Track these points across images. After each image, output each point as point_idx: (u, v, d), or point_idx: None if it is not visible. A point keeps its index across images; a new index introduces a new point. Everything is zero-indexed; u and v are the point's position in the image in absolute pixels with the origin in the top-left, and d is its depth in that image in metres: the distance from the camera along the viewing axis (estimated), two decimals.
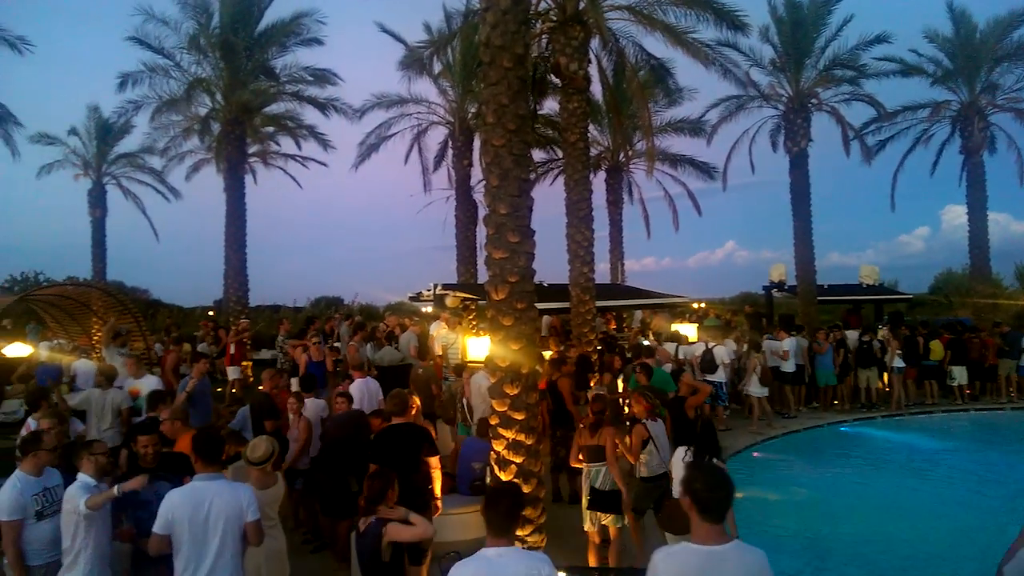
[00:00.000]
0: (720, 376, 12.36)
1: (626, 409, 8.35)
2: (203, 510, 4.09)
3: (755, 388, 12.60)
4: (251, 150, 20.99)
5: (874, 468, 11.09)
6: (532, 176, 6.69)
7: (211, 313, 23.23)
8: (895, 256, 73.73)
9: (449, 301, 14.54)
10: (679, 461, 5.85)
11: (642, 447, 6.55)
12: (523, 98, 6.22)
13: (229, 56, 17.18)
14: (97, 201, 24.45)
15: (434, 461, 5.93)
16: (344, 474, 6.54)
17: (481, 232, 20.64)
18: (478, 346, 11.49)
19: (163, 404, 7.24)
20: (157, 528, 4.08)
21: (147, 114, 18.81)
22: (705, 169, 22.88)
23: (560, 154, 18.97)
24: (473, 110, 19.84)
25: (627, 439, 6.67)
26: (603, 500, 6.14)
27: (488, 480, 6.56)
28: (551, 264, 13.64)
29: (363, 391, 8.48)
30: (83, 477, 4.59)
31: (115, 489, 4.51)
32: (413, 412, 6.65)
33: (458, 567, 3.14)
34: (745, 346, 13.39)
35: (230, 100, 17.59)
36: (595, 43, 13.19)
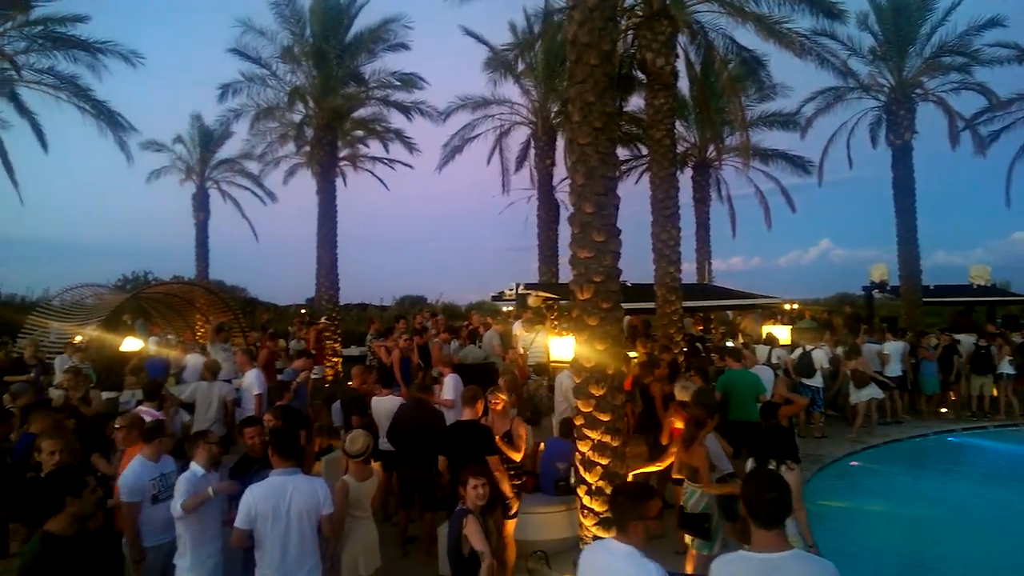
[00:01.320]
0: (817, 381, 11.80)
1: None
2: (283, 503, 4.22)
3: (862, 393, 11.97)
4: (341, 154, 21.72)
5: (985, 482, 10.24)
6: (617, 174, 6.57)
7: (303, 311, 24.22)
8: (1008, 255, 68.12)
9: (531, 300, 14.57)
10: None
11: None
12: (609, 95, 6.14)
13: (321, 64, 17.82)
14: (200, 204, 25.97)
15: (493, 461, 5.89)
16: (426, 466, 6.68)
17: (563, 231, 20.60)
18: (561, 346, 11.46)
19: (288, 393, 7.75)
20: (239, 523, 4.21)
21: (246, 121, 19.85)
22: (799, 164, 21.89)
23: (645, 151, 18.66)
24: (556, 109, 19.79)
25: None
26: (689, 522, 5.86)
27: (572, 480, 6.49)
28: (634, 263, 13.45)
29: (458, 386, 8.63)
30: (194, 466, 4.85)
31: (209, 490, 4.71)
32: (500, 408, 6.69)
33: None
34: (841, 349, 12.74)
35: (322, 106, 18.24)
36: (682, 37, 12.90)
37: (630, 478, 6.14)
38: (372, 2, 18.48)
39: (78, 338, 13.80)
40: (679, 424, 6.48)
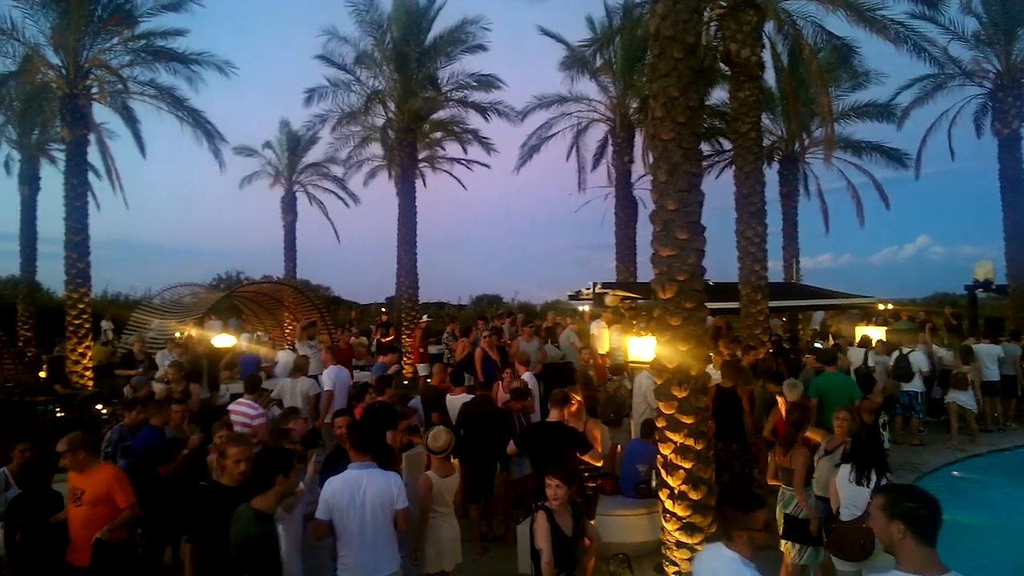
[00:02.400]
0: (916, 385, 11.15)
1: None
2: (359, 496, 4.29)
3: (960, 396, 11.23)
4: (420, 155, 22.16)
5: None
6: (700, 170, 6.39)
7: (383, 310, 24.86)
8: None
9: (609, 300, 14.37)
10: (844, 479, 5.20)
11: (808, 475, 5.76)
12: (693, 89, 5.98)
13: (402, 68, 18.22)
14: (288, 207, 27.11)
15: (591, 455, 5.94)
16: (487, 462, 6.76)
17: (641, 229, 20.30)
18: (640, 346, 11.27)
19: (389, 388, 8.17)
20: (319, 514, 4.31)
21: (331, 126, 20.57)
22: (895, 156, 20.67)
23: (727, 146, 18.13)
24: (635, 105, 19.51)
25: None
26: (796, 528, 5.63)
27: (654, 483, 6.37)
28: (715, 261, 13.05)
29: (534, 384, 8.65)
30: None
31: (300, 485, 4.86)
32: (575, 408, 6.65)
33: None
34: (944, 352, 11.98)
35: (402, 109, 18.66)
36: (768, 27, 12.44)
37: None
38: (449, 5, 18.79)
39: (176, 334, 14.65)
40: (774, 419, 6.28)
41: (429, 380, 10.37)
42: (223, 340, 15.17)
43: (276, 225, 27.23)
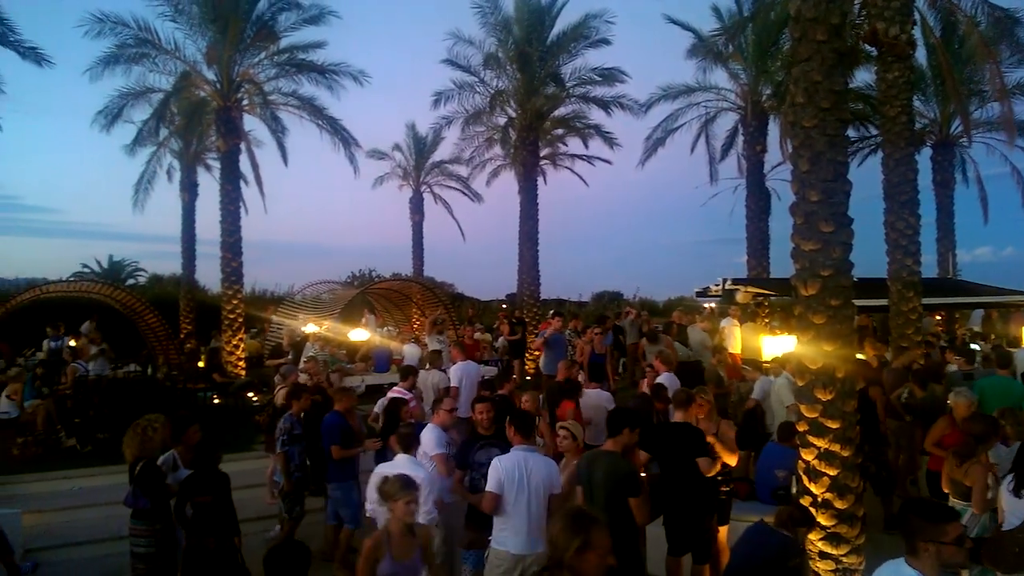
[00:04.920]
0: None
1: None
2: (525, 476, 4.59)
3: None
4: (542, 153, 22.28)
5: None
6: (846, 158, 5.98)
7: (504, 306, 25.26)
8: None
9: (740, 297, 13.79)
10: (1005, 490, 4.93)
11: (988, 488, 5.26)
12: (837, 73, 5.62)
13: (525, 67, 18.40)
14: (416, 207, 28.17)
15: (703, 463, 5.72)
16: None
17: (774, 222, 19.33)
18: (775, 345, 10.76)
19: (508, 383, 8.60)
20: (491, 487, 4.62)
21: (455, 128, 21.15)
22: None
23: (872, 131, 16.85)
24: (768, 92, 18.58)
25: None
26: (996, 550, 5.10)
27: (794, 489, 6.04)
28: (860, 256, 12.11)
29: (676, 385, 8.48)
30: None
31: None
32: (706, 411, 6.44)
33: None
34: None
35: (525, 108, 18.84)
36: (919, 1, 11.44)
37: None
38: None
39: (315, 328, 15.62)
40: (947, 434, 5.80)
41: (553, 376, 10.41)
42: (358, 334, 16.04)
43: (404, 224, 28.42)
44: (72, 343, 15.23)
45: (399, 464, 4.99)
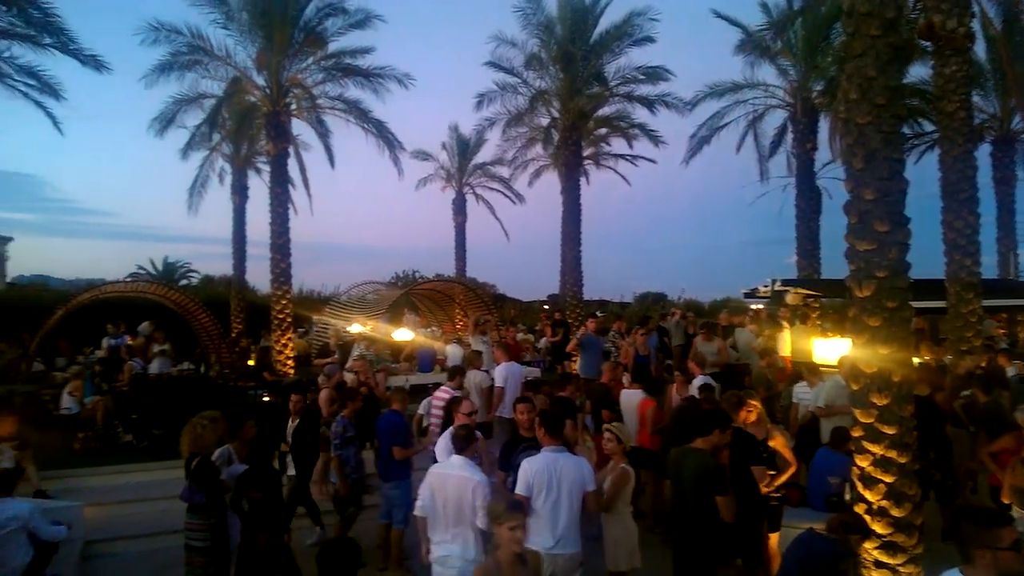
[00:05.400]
0: None
1: None
2: (555, 476, 4.63)
3: None
4: (585, 153, 22.17)
5: None
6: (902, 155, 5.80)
7: (546, 307, 25.21)
8: None
9: (790, 298, 13.49)
10: None
11: None
12: (893, 68, 5.46)
13: (568, 67, 18.36)
14: (459, 209, 28.34)
15: (757, 471, 5.67)
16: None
17: (825, 222, 18.84)
18: (827, 348, 10.48)
19: (570, 385, 8.55)
20: (520, 489, 4.67)
21: (497, 129, 21.21)
22: None
23: (929, 127, 16.31)
24: (818, 88, 18.14)
25: None
26: None
27: (848, 496, 5.88)
28: (917, 256, 11.71)
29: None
30: None
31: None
32: (755, 416, 6.33)
33: None
34: None
35: (568, 108, 18.78)
36: None
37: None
38: None
39: (361, 328, 15.85)
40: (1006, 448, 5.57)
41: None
42: (403, 334, 16.22)
43: (447, 225, 28.61)
44: (130, 342, 15.77)
45: (455, 464, 4.89)
